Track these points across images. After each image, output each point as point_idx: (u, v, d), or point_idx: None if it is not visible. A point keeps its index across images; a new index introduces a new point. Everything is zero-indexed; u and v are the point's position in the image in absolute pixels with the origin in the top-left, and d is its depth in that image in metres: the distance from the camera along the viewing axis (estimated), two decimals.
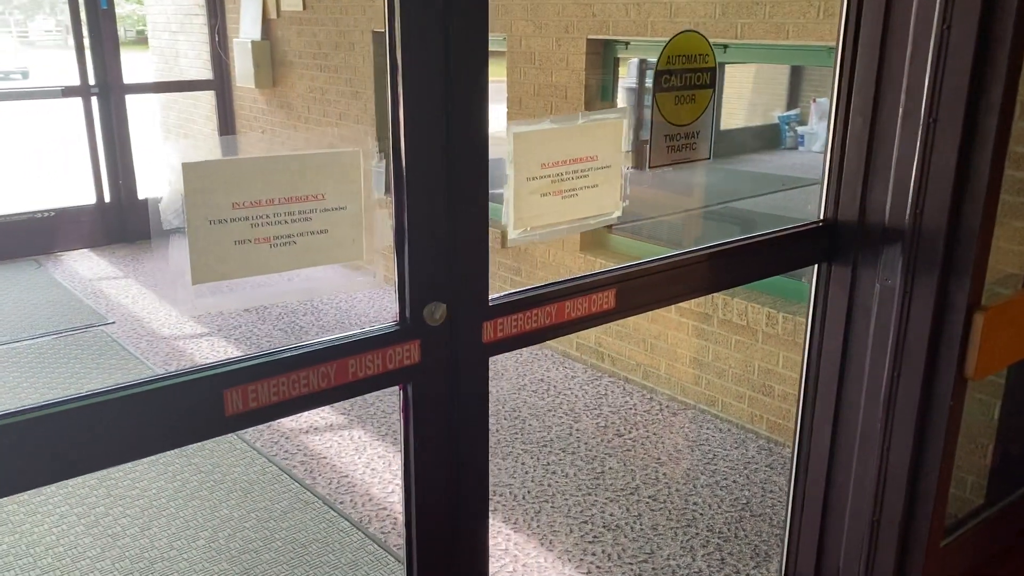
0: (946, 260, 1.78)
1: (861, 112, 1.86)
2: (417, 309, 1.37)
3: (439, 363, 1.41)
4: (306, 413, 4.02)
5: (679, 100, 1.67)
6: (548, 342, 4.83)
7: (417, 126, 1.30)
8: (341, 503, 3.28)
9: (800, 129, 6.73)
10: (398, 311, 1.40)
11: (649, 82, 6.57)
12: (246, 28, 6.77)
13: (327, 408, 4.07)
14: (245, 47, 6.65)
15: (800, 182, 6.69)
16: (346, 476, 3.47)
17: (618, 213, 1.62)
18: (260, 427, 3.87)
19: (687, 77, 1.66)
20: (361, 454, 3.64)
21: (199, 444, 3.61)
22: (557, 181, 1.52)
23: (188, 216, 1.20)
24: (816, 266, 1.97)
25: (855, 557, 2.08)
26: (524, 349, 4.79)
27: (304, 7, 6.15)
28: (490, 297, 1.46)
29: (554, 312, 1.54)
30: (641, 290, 1.68)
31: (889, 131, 1.83)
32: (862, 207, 1.89)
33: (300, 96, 6.48)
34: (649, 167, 1.66)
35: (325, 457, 3.62)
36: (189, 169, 1.21)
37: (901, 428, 1.91)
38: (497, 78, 5.37)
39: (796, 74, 6.80)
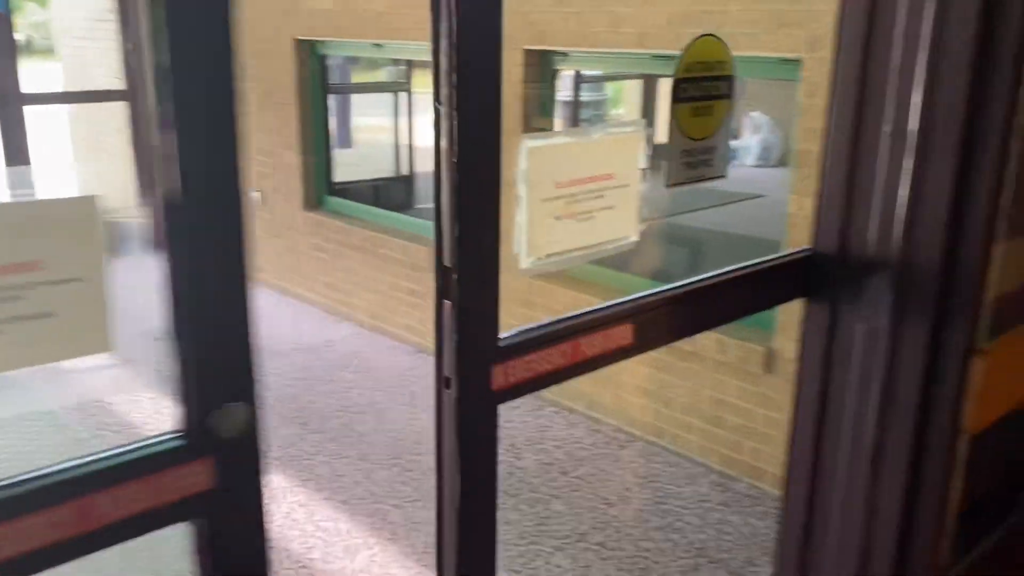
0: (941, 297, 1.57)
1: (841, 129, 1.64)
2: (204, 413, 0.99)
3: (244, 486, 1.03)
4: None
5: (697, 112, 1.48)
6: None
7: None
8: None
9: (733, 143, 6.63)
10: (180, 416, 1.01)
11: (585, 95, 6.38)
12: None
13: None
14: None
15: (734, 197, 6.57)
16: None
17: (635, 237, 1.42)
18: None
19: (706, 86, 1.47)
20: (280, 503, 3.30)
21: None
22: (572, 202, 1.32)
23: None
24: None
25: None
26: None
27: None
28: (500, 336, 1.19)
29: (569, 351, 1.30)
30: (659, 322, 1.45)
31: (872, 151, 1.61)
32: (843, 237, 1.66)
33: None
34: (668, 186, 1.49)
35: None
36: None
37: (890, 487, 1.68)
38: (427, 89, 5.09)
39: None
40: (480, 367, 1.20)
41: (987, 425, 1.67)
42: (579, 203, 1.32)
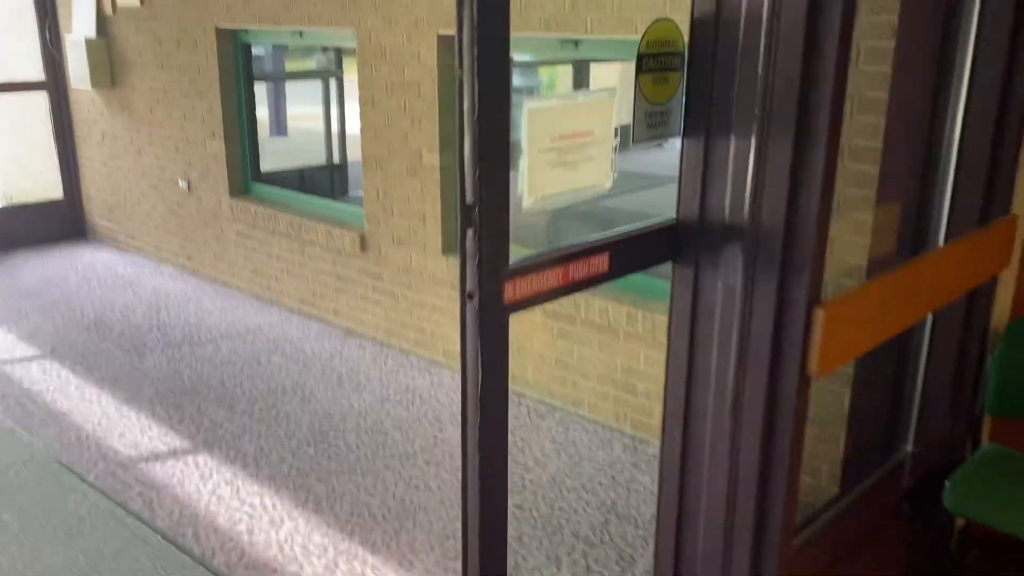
0: (784, 257, 1.74)
1: (697, 108, 1.80)
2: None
3: None
4: (146, 439, 3.73)
5: (656, 81, 1.79)
6: (415, 350, 4.68)
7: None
8: (183, 536, 3.03)
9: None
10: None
11: (517, 81, 6.50)
12: (79, 25, 6.29)
13: (171, 433, 3.78)
14: (79, 46, 6.18)
15: (662, 180, 6.78)
16: (189, 507, 3.22)
17: (609, 184, 1.76)
18: (93, 458, 3.55)
19: (663, 60, 1.78)
20: (207, 482, 3.39)
21: (18, 481, 3.28)
22: (563, 153, 1.67)
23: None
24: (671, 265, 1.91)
25: (711, 561, 2.03)
26: (388, 358, 4.62)
27: (142, 3, 5.76)
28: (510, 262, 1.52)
29: (561, 274, 1.64)
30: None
31: (724, 128, 1.78)
32: (702, 206, 1.83)
33: (142, 97, 6.07)
34: (633, 143, 1.79)
35: (166, 487, 3.35)
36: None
37: (749, 430, 1.86)
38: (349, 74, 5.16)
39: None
40: (495, 283, 1.49)
41: (830, 371, 1.86)
42: (567, 154, 1.66)
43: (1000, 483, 2.48)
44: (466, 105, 1.37)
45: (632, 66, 1.77)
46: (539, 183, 1.63)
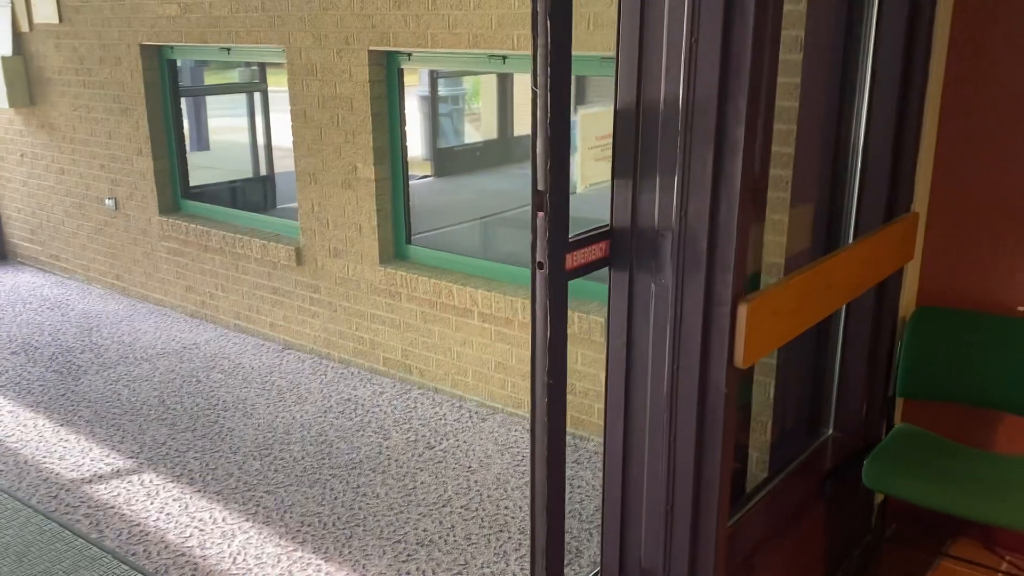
0: (710, 257, 1.89)
1: (626, 121, 1.94)
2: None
3: None
4: (88, 460, 3.70)
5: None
6: (355, 360, 4.73)
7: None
8: (134, 555, 3.04)
9: (575, 134, 7.00)
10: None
11: (443, 90, 6.62)
12: None
13: (113, 453, 3.76)
14: None
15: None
16: (138, 525, 3.22)
17: None
18: (34, 482, 3.52)
19: None
20: (153, 499, 3.39)
21: None
22: (604, 149, 2.03)
23: None
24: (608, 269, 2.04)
25: (653, 546, 2.17)
26: (328, 369, 4.67)
27: (60, 20, 5.67)
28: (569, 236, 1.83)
29: (598, 250, 1.96)
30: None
31: (652, 140, 1.92)
32: (633, 213, 1.97)
33: (63, 115, 5.97)
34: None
35: (112, 507, 3.34)
36: None
37: (684, 418, 2.00)
38: (282, 88, 5.19)
39: (579, 82, 7.07)
40: (559, 254, 1.80)
41: (755, 361, 2.02)
42: (605, 150, 2.02)
43: (913, 459, 2.69)
44: (539, 113, 1.71)
45: None
46: (588, 173, 2.04)
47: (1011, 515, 2.40)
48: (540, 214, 1.77)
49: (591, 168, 2.28)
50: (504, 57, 3.82)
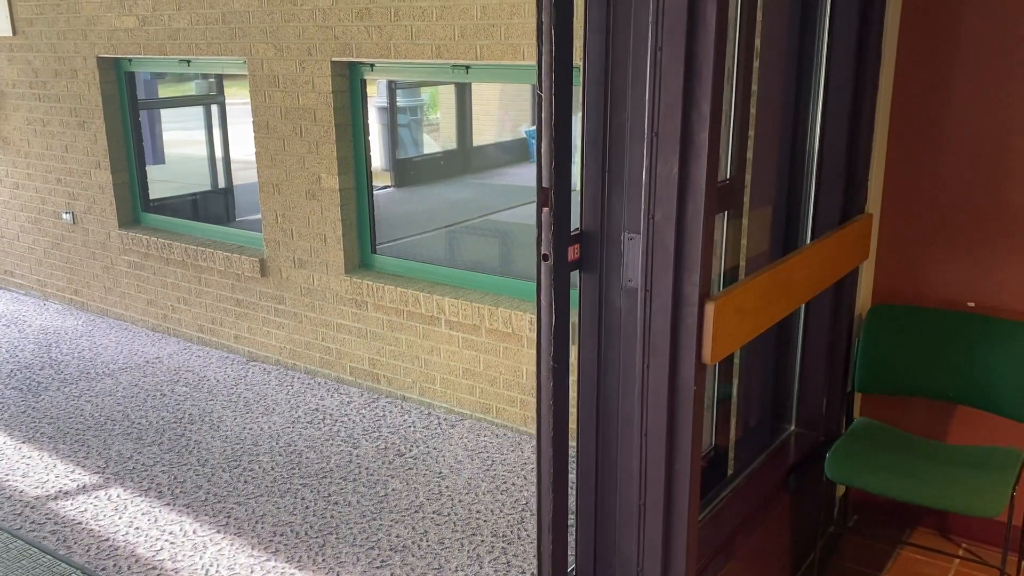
0: (677, 259, 1.96)
1: (593, 128, 2.00)
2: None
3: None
4: (52, 476, 3.65)
5: None
6: (321, 370, 4.73)
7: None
8: (103, 570, 3.01)
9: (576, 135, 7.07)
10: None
11: (401, 101, 6.65)
12: None
13: (78, 469, 3.72)
14: None
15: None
16: (106, 540, 3.19)
17: None
18: None
19: None
20: (122, 514, 3.36)
21: None
22: None
23: None
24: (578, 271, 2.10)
25: (627, 541, 2.22)
26: (294, 380, 4.66)
27: (14, 32, 5.59)
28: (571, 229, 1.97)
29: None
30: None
31: (619, 145, 1.98)
32: (603, 216, 2.03)
33: (17, 129, 5.88)
34: None
35: (80, 523, 3.31)
36: None
37: (655, 415, 2.06)
38: (239, 100, 5.19)
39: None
40: (563, 247, 1.93)
41: (722, 357, 2.09)
42: None
43: (872, 452, 2.78)
44: (544, 115, 1.84)
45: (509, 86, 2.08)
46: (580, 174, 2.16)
47: (964, 501, 2.50)
48: (545, 209, 1.89)
49: None
50: (467, 67, 3.87)
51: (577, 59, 2.97)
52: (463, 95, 8.64)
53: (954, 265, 2.90)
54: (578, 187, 2.06)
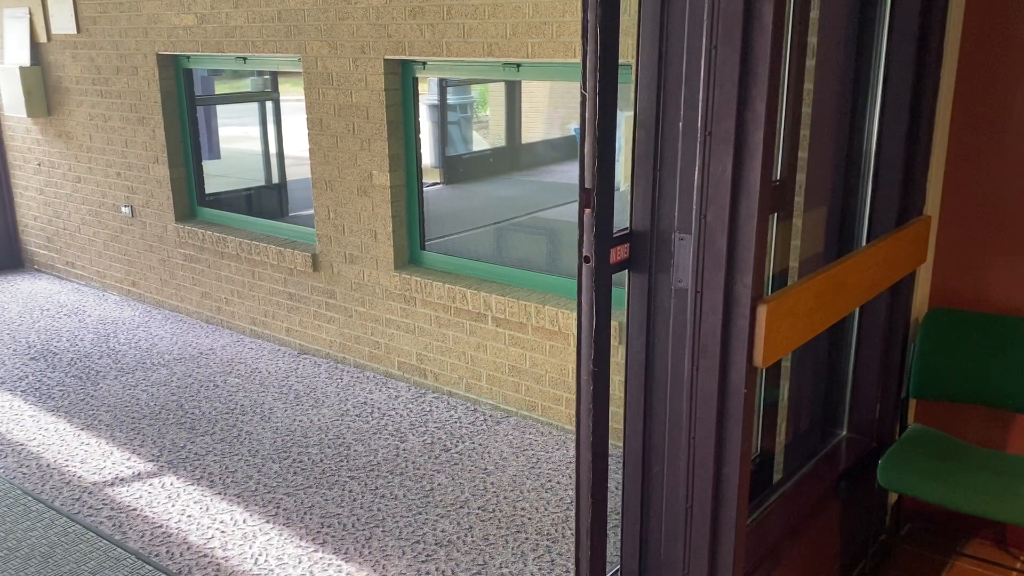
0: (729, 260, 1.94)
1: (645, 127, 1.99)
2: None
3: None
4: (109, 463, 3.75)
5: None
6: (370, 364, 4.78)
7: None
8: (156, 556, 3.09)
9: (619, 136, 7.03)
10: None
11: (451, 99, 6.68)
12: (12, 53, 6.24)
13: (134, 457, 3.81)
14: (12, 73, 6.12)
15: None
16: (160, 527, 3.27)
17: None
18: (57, 485, 3.57)
19: None
20: (175, 502, 3.44)
21: None
22: None
23: None
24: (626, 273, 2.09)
25: (673, 543, 2.21)
26: (344, 373, 4.72)
27: (79, 30, 5.75)
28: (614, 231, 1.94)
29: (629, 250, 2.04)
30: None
31: (672, 144, 1.97)
32: (653, 216, 2.01)
33: (80, 124, 6.05)
34: None
35: (135, 509, 3.39)
36: None
37: (703, 418, 2.04)
38: (293, 97, 5.26)
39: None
40: (604, 249, 1.90)
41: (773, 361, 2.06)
42: None
43: (927, 459, 2.72)
44: (588, 115, 1.81)
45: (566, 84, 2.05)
46: (631, 173, 2.12)
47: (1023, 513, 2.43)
48: (587, 211, 1.86)
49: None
50: (518, 65, 3.87)
51: (630, 57, 2.97)
52: (513, 92, 8.65)
53: (1015, 269, 2.81)
54: (623, 187, 2.03)
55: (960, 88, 2.82)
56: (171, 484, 3.58)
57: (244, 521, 3.30)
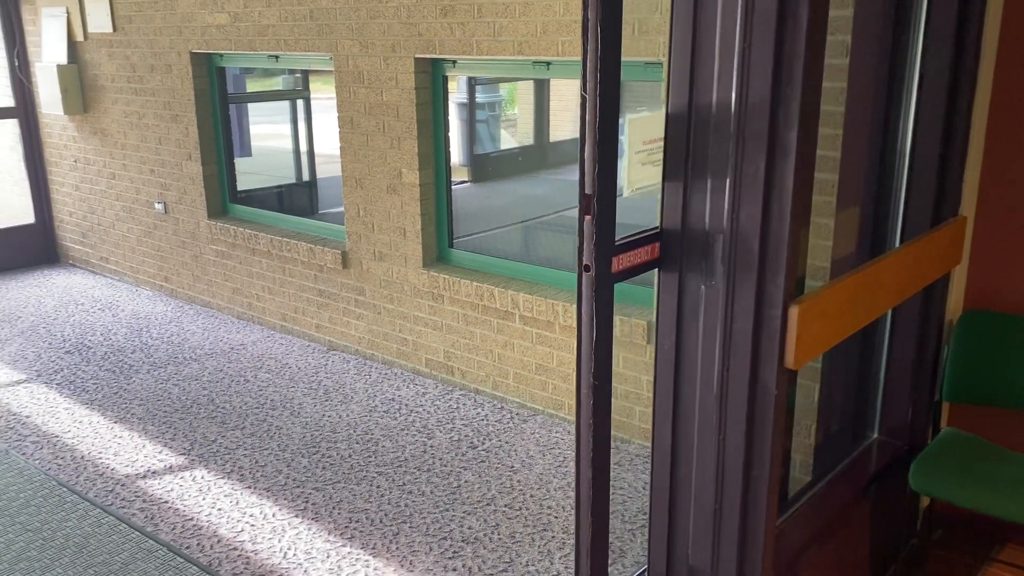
0: (761, 260, 1.92)
1: (677, 125, 1.98)
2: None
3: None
4: (141, 456, 3.81)
5: None
6: (398, 361, 4.80)
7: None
8: (187, 548, 3.13)
9: (622, 139, 7.02)
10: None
11: (480, 97, 6.69)
12: (50, 51, 6.34)
13: (165, 450, 3.87)
14: (50, 72, 6.23)
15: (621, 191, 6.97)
16: (191, 519, 3.31)
17: None
18: (91, 477, 3.63)
19: None
20: (206, 495, 3.48)
21: (19, 501, 3.35)
22: (650, 154, 2.10)
23: None
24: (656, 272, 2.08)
25: (702, 544, 2.20)
26: (372, 369, 4.74)
27: (115, 29, 5.83)
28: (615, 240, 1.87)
29: (644, 254, 1.99)
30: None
31: (703, 143, 1.95)
32: (684, 215, 2.00)
33: (115, 121, 6.13)
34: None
35: (166, 502, 3.44)
36: None
37: (734, 419, 2.03)
38: (324, 95, 5.30)
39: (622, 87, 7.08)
40: (605, 258, 1.83)
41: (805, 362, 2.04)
42: (654, 155, 2.11)
43: (960, 464, 2.68)
44: (588, 118, 1.75)
45: None
46: (635, 177, 2.11)
47: None
48: (587, 218, 1.79)
49: (638, 172, 2.32)
50: (548, 63, 3.87)
51: (661, 55, 2.96)
52: (541, 91, 8.64)
53: None
54: (625, 193, 2.01)
55: (998, 86, 2.77)
56: (202, 477, 3.62)
57: (273, 515, 3.33)
